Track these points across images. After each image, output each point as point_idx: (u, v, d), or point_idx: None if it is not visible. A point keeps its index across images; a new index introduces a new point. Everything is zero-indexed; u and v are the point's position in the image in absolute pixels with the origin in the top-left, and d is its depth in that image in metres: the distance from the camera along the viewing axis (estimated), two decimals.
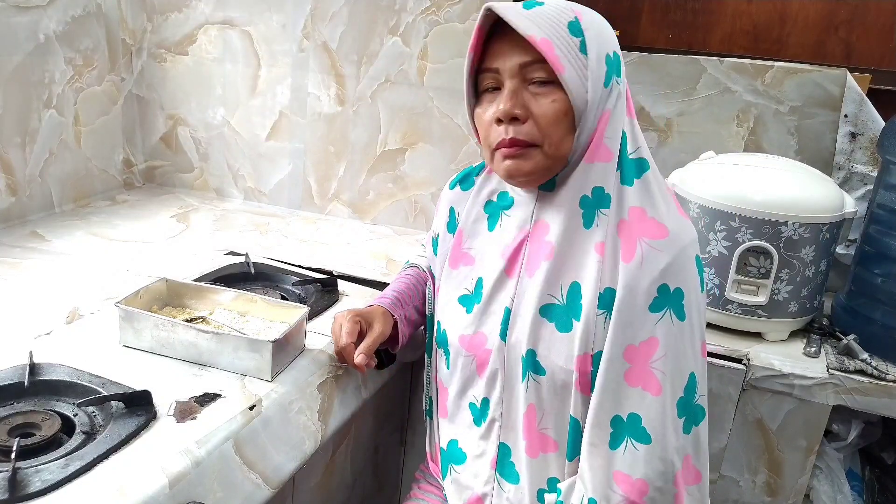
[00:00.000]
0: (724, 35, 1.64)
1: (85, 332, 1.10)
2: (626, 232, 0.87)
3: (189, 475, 0.82)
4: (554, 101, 0.87)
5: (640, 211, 0.88)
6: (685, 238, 0.88)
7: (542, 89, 0.87)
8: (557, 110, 0.87)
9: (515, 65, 0.87)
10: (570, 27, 0.86)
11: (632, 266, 0.85)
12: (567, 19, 0.86)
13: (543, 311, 0.91)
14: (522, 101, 0.87)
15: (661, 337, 0.85)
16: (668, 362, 0.85)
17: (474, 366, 0.98)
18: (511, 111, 0.87)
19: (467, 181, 1.07)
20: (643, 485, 0.85)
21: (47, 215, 1.67)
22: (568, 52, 0.85)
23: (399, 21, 1.70)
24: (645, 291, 0.85)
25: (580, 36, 0.86)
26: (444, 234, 1.07)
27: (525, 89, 0.88)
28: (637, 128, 0.93)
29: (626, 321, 0.85)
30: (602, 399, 0.86)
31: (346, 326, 1.04)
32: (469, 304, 0.99)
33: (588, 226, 0.89)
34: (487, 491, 0.99)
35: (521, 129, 0.88)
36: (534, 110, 0.87)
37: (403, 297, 1.13)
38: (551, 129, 0.87)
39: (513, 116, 0.87)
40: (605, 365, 0.86)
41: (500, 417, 0.97)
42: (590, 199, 0.90)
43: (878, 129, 1.48)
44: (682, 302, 0.86)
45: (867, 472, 1.47)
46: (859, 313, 1.36)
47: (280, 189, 1.92)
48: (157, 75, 1.92)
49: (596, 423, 0.87)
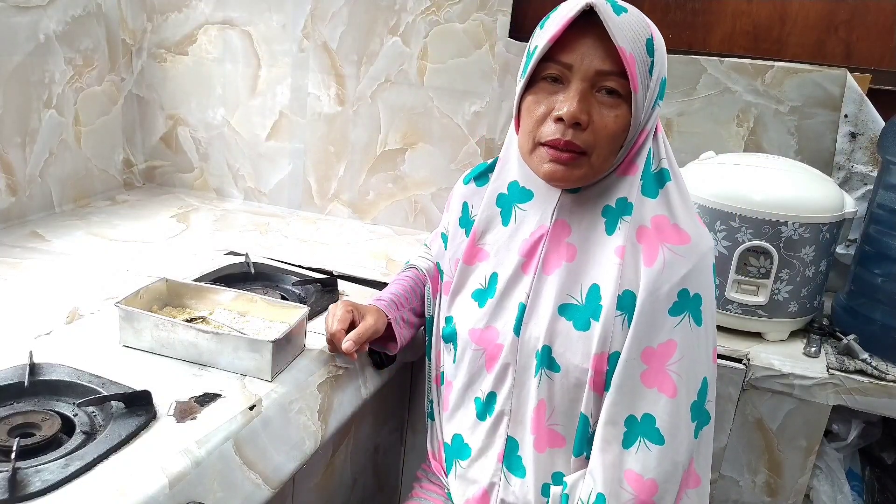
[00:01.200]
0: (724, 35, 1.64)
1: (85, 332, 1.10)
2: (648, 238, 0.89)
3: (189, 475, 0.82)
4: (617, 116, 0.86)
5: (663, 219, 0.90)
6: (704, 246, 0.90)
7: (609, 99, 0.86)
8: (619, 126, 0.86)
9: (593, 69, 0.85)
10: (647, 45, 0.85)
11: (654, 270, 0.86)
12: (646, 36, 0.85)
13: (562, 310, 0.92)
14: (588, 105, 0.86)
15: (679, 340, 0.86)
16: (684, 365, 0.86)
17: (483, 360, 0.99)
18: (578, 115, 0.85)
19: (482, 178, 1.06)
20: (653, 485, 0.86)
21: (47, 215, 1.67)
22: (643, 71, 0.85)
23: (399, 21, 1.70)
24: (666, 295, 0.86)
25: (652, 56, 0.85)
26: (457, 230, 1.07)
27: (592, 95, 0.86)
28: (664, 142, 0.93)
29: (646, 323, 0.86)
30: (617, 398, 0.87)
31: (339, 314, 1.06)
32: (481, 298, 1.00)
33: (610, 233, 0.91)
34: (494, 484, 0.99)
35: (579, 135, 0.86)
36: (596, 119, 0.86)
37: (400, 300, 1.13)
38: (606, 142, 0.86)
39: (576, 121, 0.85)
40: (622, 365, 0.87)
41: (509, 412, 0.97)
42: (613, 209, 0.91)
43: (878, 129, 1.48)
44: (700, 307, 0.88)
45: (867, 472, 1.47)
46: (859, 313, 1.36)
47: (280, 189, 1.93)
48: (157, 75, 1.92)
49: (609, 421, 0.87)
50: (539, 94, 0.89)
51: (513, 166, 1.00)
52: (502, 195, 1.01)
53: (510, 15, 1.64)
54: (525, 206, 0.98)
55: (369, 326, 1.06)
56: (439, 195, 1.79)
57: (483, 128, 1.72)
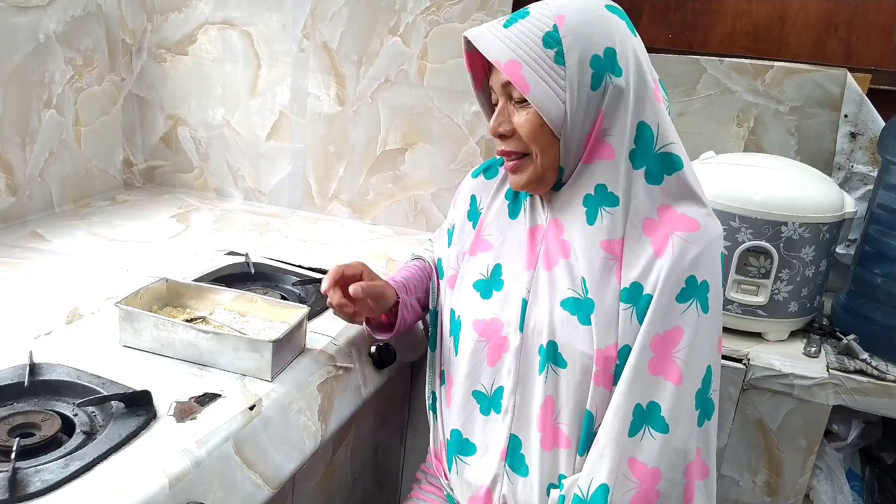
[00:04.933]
0: (724, 35, 1.64)
1: (85, 332, 1.10)
2: (656, 231, 0.89)
3: (189, 475, 0.82)
4: (528, 117, 0.91)
5: (670, 209, 0.90)
6: (713, 232, 0.90)
7: (520, 105, 0.92)
8: (533, 124, 0.91)
9: (500, 84, 0.93)
10: (544, 40, 0.87)
11: (664, 260, 0.87)
12: (543, 31, 0.87)
13: (565, 304, 0.92)
14: (508, 116, 0.93)
15: (686, 327, 0.87)
16: (690, 352, 0.87)
17: (486, 352, 0.99)
18: (496, 129, 0.94)
19: (491, 170, 1.09)
20: (657, 473, 0.86)
21: (47, 215, 1.67)
22: (539, 67, 0.87)
23: (399, 21, 1.70)
24: (674, 282, 0.87)
25: (556, 46, 0.87)
26: (464, 223, 1.08)
27: (510, 104, 0.93)
28: (666, 123, 0.92)
29: (660, 314, 0.87)
30: (626, 388, 0.88)
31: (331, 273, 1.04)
32: (483, 289, 1.00)
33: (591, 222, 0.92)
34: (496, 482, 0.99)
35: (509, 143, 0.94)
36: (516, 123, 0.93)
37: (409, 286, 1.13)
38: (531, 139, 0.92)
39: (499, 134, 0.94)
40: (634, 355, 0.87)
41: (513, 408, 0.97)
42: (592, 197, 0.92)
43: (878, 129, 1.48)
44: (707, 294, 0.88)
45: (867, 472, 1.47)
46: (859, 313, 1.36)
47: (280, 189, 1.92)
48: (157, 75, 1.92)
49: (616, 411, 0.88)
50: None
51: None
52: (512, 191, 1.03)
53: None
54: (528, 204, 1.01)
55: (377, 286, 1.04)
56: (439, 195, 1.79)
57: (483, 128, 1.72)
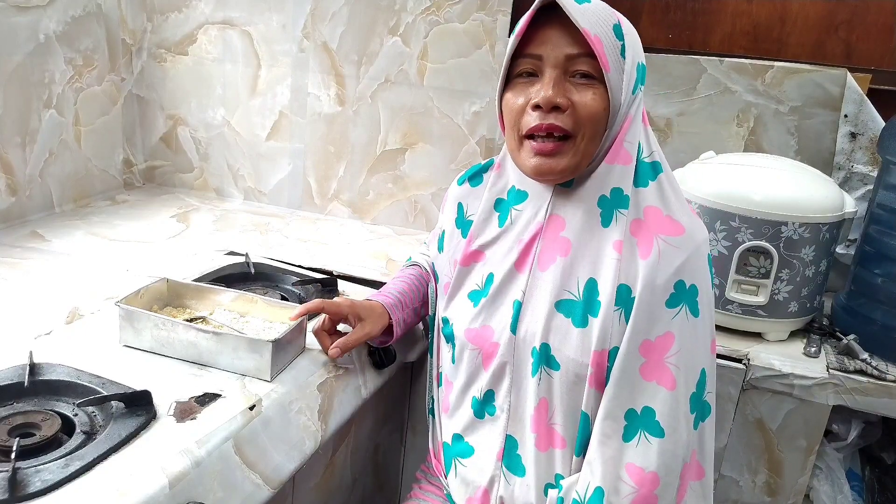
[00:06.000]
0: (724, 35, 1.64)
1: (85, 332, 1.10)
2: (642, 230, 0.89)
3: (189, 475, 0.82)
4: (595, 96, 0.87)
5: (656, 210, 0.90)
6: (699, 236, 0.90)
7: (583, 81, 0.88)
8: (598, 105, 0.87)
9: (562, 55, 0.87)
10: (614, 29, 0.87)
11: (650, 262, 0.87)
12: (612, 21, 0.88)
13: (559, 306, 0.92)
14: (564, 90, 0.87)
15: (677, 332, 0.87)
16: (682, 357, 0.87)
17: (480, 359, 0.99)
18: (554, 99, 0.86)
19: (476, 178, 1.07)
20: (654, 477, 0.86)
21: (47, 215, 1.67)
22: (613, 52, 0.87)
23: (399, 21, 1.70)
24: (662, 287, 0.86)
25: (622, 40, 0.88)
26: (453, 231, 1.07)
27: (566, 80, 0.88)
28: (651, 134, 0.95)
29: (644, 317, 0.86)
30: (616, 392, 0.87)
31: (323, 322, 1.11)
32: (477, 298, 1.00)
33: (606, 224, 0.91)
34: (493, 483, 0.99)
35: (560, 118, 0.87)
36: (575, 100, 0.87)
37: (405, 299, 1.14)
38: (589, 122, 0.87)
39: (555, 105, 0.86)
40: (620, 359, 0.87)
41: (508, 410, 0.97)
42: (608, 200, 0.91)
43: (878, 129, 1.48)
44: (696, 298, 0.88)
45: (867, 472, 1.47)
46: (859, 313, 1.36)
47: (280, 189, 1.93)
48: (157, 75, 1.92)
49: (609, 416, 0.87)
50: (516, 89, 0.91)
51: (510, 171, 1.01)
52: (500, 199, 1.01)
53: (510, 15, 1.64)
54: (520, 207, 0.98)
55: (361, 336, 1.08)
56: (439, 195, 1.79)
57: (483, 128, 1.72)
